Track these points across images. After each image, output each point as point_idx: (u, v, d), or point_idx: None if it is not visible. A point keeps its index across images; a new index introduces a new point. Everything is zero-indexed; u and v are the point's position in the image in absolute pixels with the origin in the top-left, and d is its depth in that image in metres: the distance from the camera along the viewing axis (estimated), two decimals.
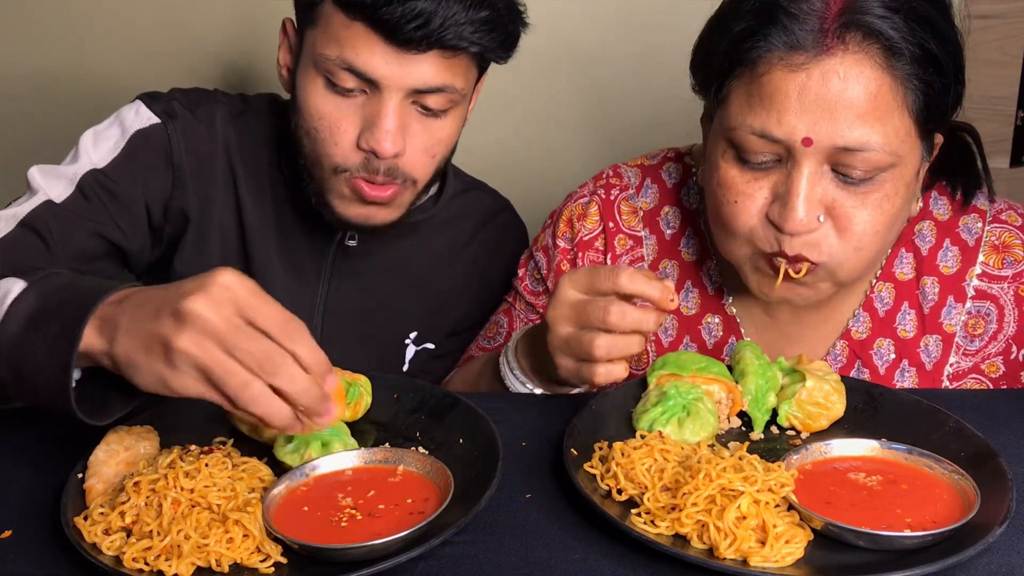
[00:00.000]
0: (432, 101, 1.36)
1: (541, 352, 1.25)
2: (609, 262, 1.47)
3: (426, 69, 1.33)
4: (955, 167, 1.38)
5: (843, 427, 1.20)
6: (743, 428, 1.22)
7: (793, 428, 1.21)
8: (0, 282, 1.05)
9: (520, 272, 1.57)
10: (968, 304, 1.36)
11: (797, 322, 1.39)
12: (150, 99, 1.51)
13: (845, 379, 1.24)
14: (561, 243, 1.51)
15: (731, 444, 1.17)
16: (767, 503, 0.99)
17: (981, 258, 1.37)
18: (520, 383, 1.33)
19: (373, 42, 1.31)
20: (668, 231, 1.46)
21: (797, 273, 1.24)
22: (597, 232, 1.48)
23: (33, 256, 1.39)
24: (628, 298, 1.18)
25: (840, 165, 1.19)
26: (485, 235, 1.68)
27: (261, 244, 1.55)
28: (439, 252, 1.64)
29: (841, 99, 1.15)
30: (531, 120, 2.25)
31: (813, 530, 1.00)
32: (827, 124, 1.16)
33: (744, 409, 1.22)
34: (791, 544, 0.97)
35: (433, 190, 1.63)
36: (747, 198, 1.23)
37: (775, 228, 1.22)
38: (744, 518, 0.98)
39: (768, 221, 1.23)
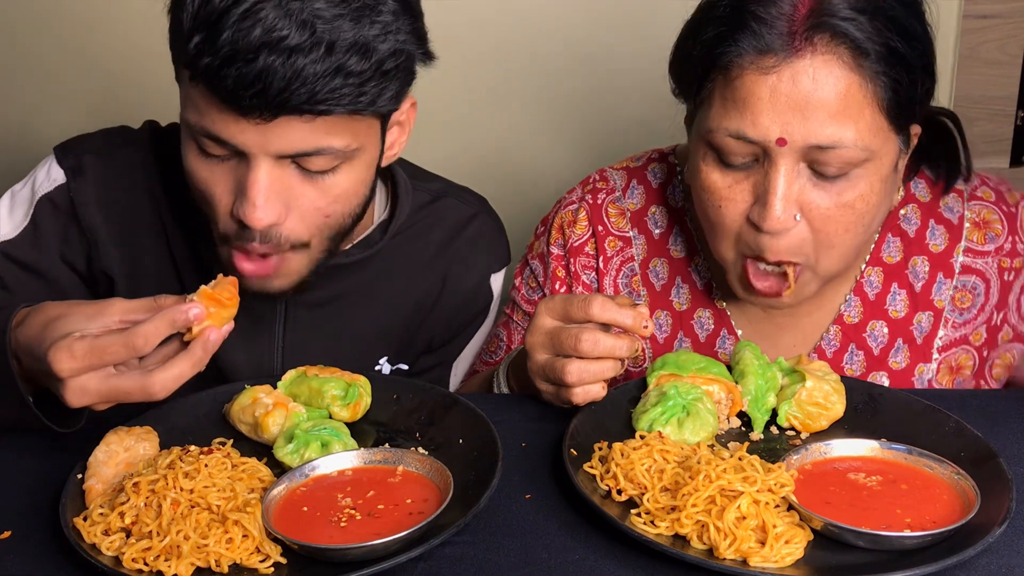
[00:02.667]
0: (312, 164, 1.19)
1: (526, 375, 1.26)
2: (601, 265, 1.49)
3: (289, 134, 1.15)
4: (937, 154, 1.41)
5: (843, 427, 1.20)
6: (743, 428, 1.22)
7: (793, 428, 1.21)
8: None
9: (516, 282, 1.57)
10: (955, 279, 1.41)
11: (789, 311, 1.41)
12: (63, 152, 1.42)
13: (845, 379, 1.24)
14: (555, 250, 1.52)
15: (731, 444, 1.17)
16: (767, 503, 0.99)
17: (965, 235, 1.41)
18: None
19: (221, 108, 1.14)
20: (656, 230, 1.48)
21: (784, 272, 1.27)
22: (587, 237, 1.50)
23: None
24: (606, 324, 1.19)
25: (815, 163, 1.21)
26: (456, 246, 1.54)
27: None
28: (404, 273, 1.51)
29: (812, 99, 1.18)
30: (523, 121, 2.25)
31: (813, 530, 1.00)
32: (799, 124, 1.19)
33: (744, 409, 1.22)
34: (791, 544, 0.97)
35: (384, 209, 1.50)
36: (729, 202, 1.26)
37: (755, 229, 1.25)
38: (744, 518, 0.98)
39: (749, 223, 1.26)
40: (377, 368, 1.53)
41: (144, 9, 1.94)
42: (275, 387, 1.24)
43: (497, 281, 1.61)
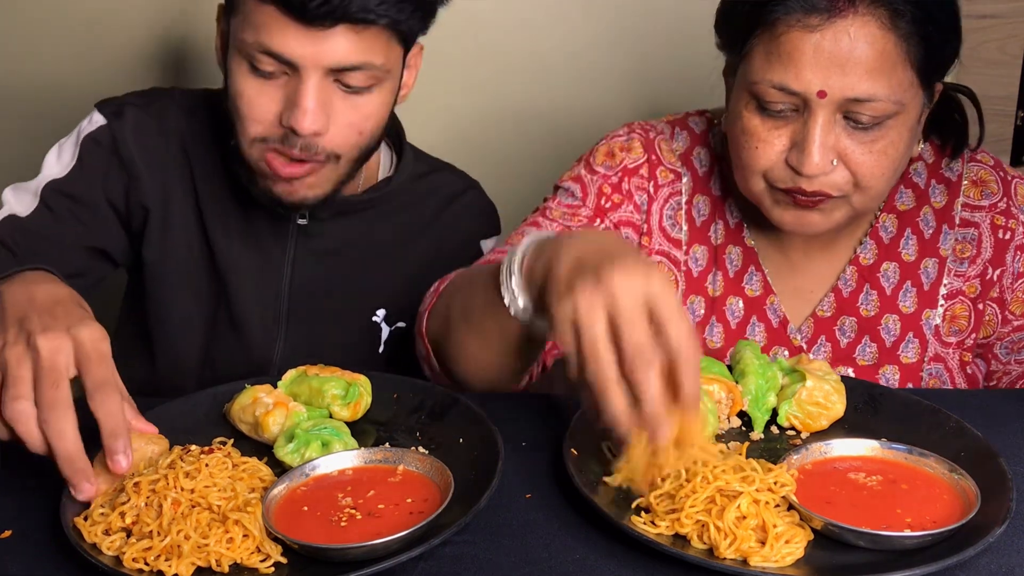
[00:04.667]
0: (353, 79, 1.39)
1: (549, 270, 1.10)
2: (652, 191, 1.54)
3: (339, 46, 1.36)
4: (947, 126, 1.51)
5: (843, 427, 1.21)
6: (743, 428, 1.22)
7: (793, 428, 1.21)
8: None
9: (546, 197, 1.58)
10: (956, 231, 1.51)
11: (810, 251, 1.52)
12: (103, 105, 1.60)
13: (845, 379, 1.24)
14: (600, 170, 1.55)
15: (731, 444, 1.17)
16: (767, 503, 0.99)
17: (963, 191, 1.51)
18: (514, 293, 1.17)
19: (285, 23, 1.35)
20: (701, 169, 1.57)
21: (816, 205, 1.36)
22: (642, 161, 1.55)
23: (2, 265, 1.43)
24: None
25: (850, 113, 1.31)
26: (449, 214, 1.70)
27: (221, 230, 1.60)
28: (402, 231, 1.66)
29: (851, 56, 1.28)
30: (563, 78, 2.25)
31: (813, 530, 1.00)
32: (839, 78, 1.28)
33: (744, 409, 1.22)
34: (791, 544, 0.97)
35: (389, 169, 1.67)
36: (767, 144, 1.35)
37: (792, 171, 1.34)
38: (744, 518, 0.98)
39: (786, 164, 1.35)
40: (375, 320, 1.65)
41: None
42: (275, 386, 1.24)
43: (487, 245, 1.71)
